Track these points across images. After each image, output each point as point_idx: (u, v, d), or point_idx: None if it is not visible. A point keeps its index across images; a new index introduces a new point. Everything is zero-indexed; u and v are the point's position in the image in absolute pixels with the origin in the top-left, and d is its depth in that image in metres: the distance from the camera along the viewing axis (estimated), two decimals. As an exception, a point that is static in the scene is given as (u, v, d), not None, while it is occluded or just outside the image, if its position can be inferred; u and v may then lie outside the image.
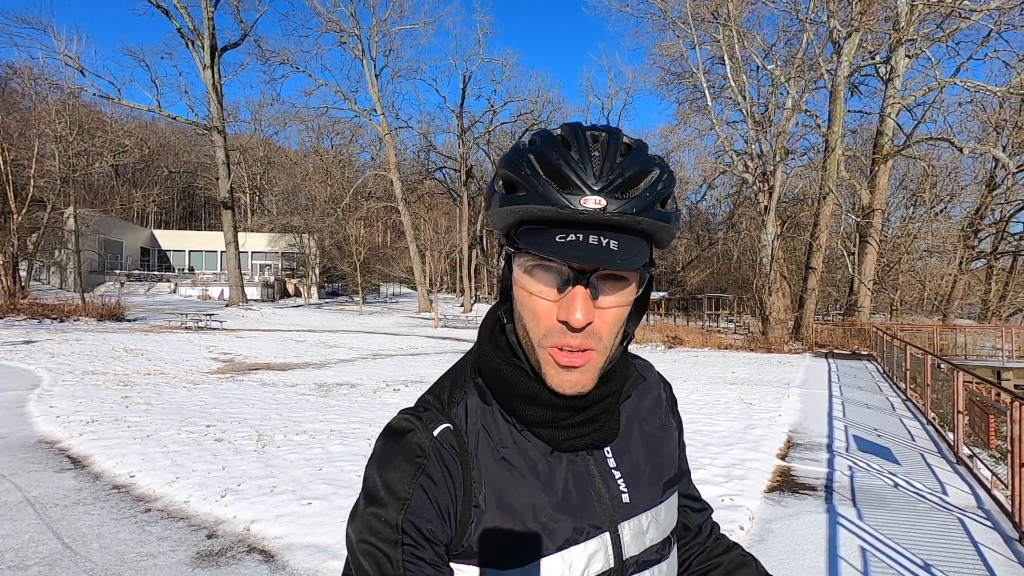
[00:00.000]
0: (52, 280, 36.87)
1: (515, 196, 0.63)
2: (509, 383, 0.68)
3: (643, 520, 0.72)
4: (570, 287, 0.61)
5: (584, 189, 0.60)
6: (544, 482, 0.67)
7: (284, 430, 6.82)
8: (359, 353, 16.74)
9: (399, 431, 0.67)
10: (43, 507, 4.36)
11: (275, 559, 3.59)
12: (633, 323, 0.70)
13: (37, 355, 12.74)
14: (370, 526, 0.62)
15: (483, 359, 0.72)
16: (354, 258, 36.79)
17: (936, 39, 23.39)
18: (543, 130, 0.67)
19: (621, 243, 0.60)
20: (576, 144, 0.63)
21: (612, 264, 0.59)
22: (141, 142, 45.97)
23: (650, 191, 0.62)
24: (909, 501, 4.73)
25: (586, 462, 0.70)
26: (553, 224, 0.62)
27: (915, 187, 32.39)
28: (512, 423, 0.69)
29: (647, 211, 0.61)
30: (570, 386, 0.64)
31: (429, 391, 0.73)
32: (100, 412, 7.50)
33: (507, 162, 0.65)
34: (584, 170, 0.61)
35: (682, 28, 24.46)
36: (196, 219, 65.28)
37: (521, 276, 0.64)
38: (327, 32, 36.89)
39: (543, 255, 0.60)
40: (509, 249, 0.66)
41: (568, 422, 0.68)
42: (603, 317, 0.63)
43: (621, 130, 0.67)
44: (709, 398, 9.52)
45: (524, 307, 0.65)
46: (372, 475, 0.65)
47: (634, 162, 0.63)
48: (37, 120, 26.59)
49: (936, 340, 18.83)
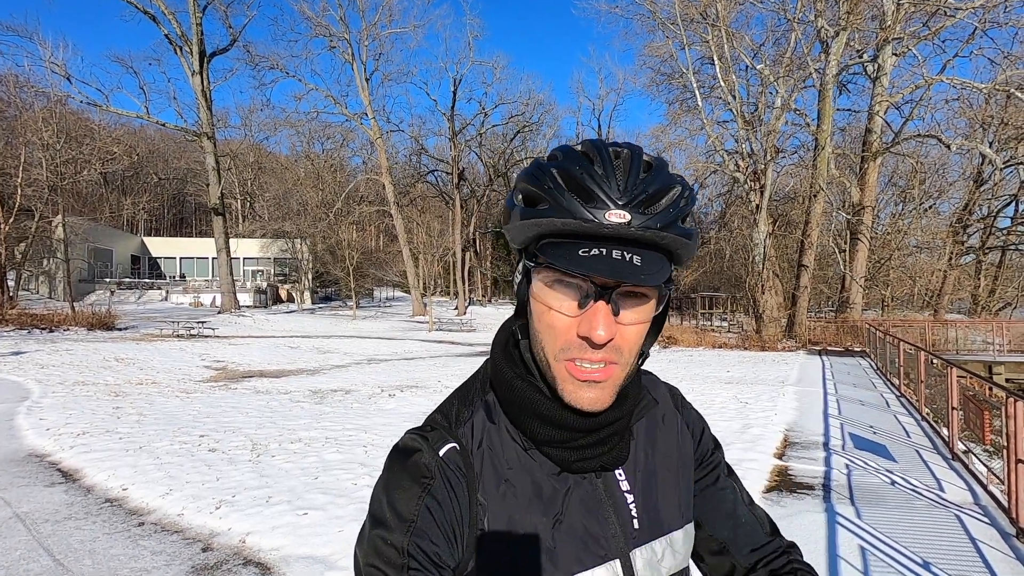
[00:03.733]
0: (41, 290, 36.46)
1: (537, 210, 0.62)
2: (523, 400, 0.67)
3: (656, 547, 0.69)
4: (592, 302, 0.60)
5: (609, 203, 0.60)
6: (548, 505, 0.65)
7: (279, 439, 6.75)
8: (353, 358, 16.66)
9: (406, 451, 0.66)
10: (34, 523, 4.28)
11: (271, 572, 3.54)
12: (649, 341, 0.69)
13: (26, 366, 12.58)
14: (376, 549, 0.60)
15: (497, 373, 0.71)
16: (347, 263, 36.64)
17: (922, 37, 23.63)
18: (564, 145, 0.66)
19: (644, 259, 0.60)
20: (600, 159, 0.62)
21: (636, 279, 0.58)
22: (130, 149, 45.62)
23: (673, 207, 0.62)
24: (906, 498, 4.74)
25: (595, 485, 0.69)
26: (576, 238, 0.61)
27: (904, 184, 32.67)
28: (519, 442, 0.67)
29: (670, 227, 0.61)
30: (588, 403, 0.63)
31: (438, 409, 0.72)
32: (91, 424, 7.40)
33: (528, 176, 0.64)
34: (608, 184, 0.60)
35: (671, 29, 24.57)
36: (187, 226, 64.85)
37: (541, 290, 0.63)
38: (317, 36, 36.73)
39: (566, 269, 0.59)
40: (528, 263, 0.65)
41: (580, 443, 0.66)
42: (624, 334, 0.62)
43: (642, 147, 0.66)
44: (705, 398, 9.53)
45: (542, 322, 0.64)
46: (379, 496, 0.64)
47: (657, 178, 0.63)
48: (24, 128, 26.34)
49: (928, 335, 18.97)
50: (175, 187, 60.46)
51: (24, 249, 29.65)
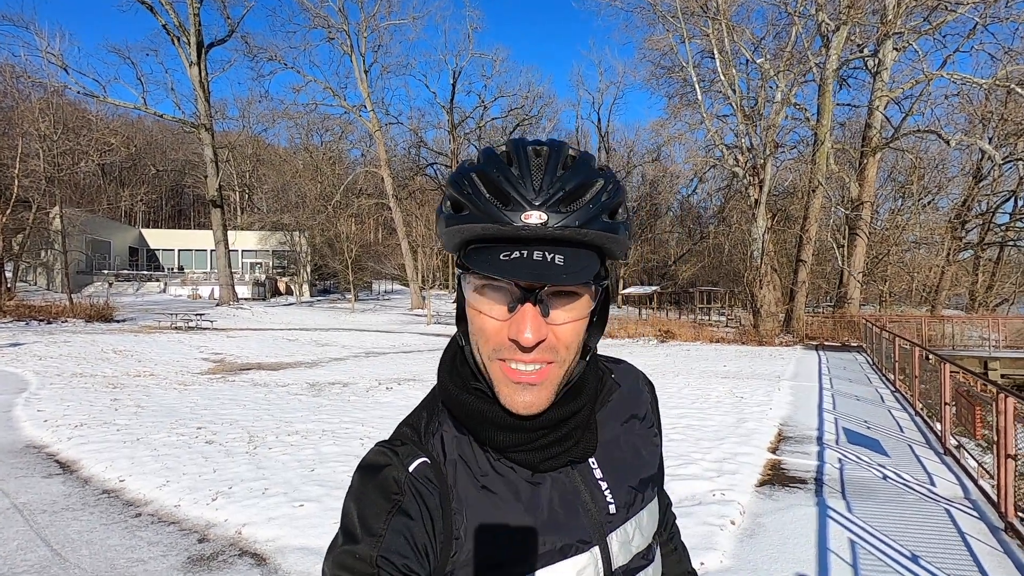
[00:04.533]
0: (39, 281, 36.42)
1: (460, 216, 0.62)
2: (472, 412, 0.67)
3: (628, 528, 0.71)
4: (519, 306, 0.60)
5: (524, 205, 0.59)
6: (528, 505, 0.66)
7: (276, 431, 6.79)
8: (351, 351, 16.69)
9: (375, 467, 0.66)
10: (31, 513, 4.32)
11: (267, 562, 3.58)
12: (595, 336, 0.69)
13: (24, 358, 12.60)
14: (344, 563, 0.61)
15: (444, 392, 0.71)
16: (345, 255, 36.60)
17: (923, 32, 23.55)
18: (488, 147, 0.66)
19: (567, 257, 0.60)
20: (517, 160, 0.62)
21: (558, 279, 0.58)
22: (127, 140, 45.43)
23: (594, 203, 0.61)
24: (898, 492, 4.79)
25: (571, 476, 0.69)
26: (498, 242, 0.61)
27: (903, 179, 32.68)
28: (488, 451, 0.68)
29: (592, 223, 0.61)
30: (523, 407, 0.63)
31: (405, 421, 0.73)
32: (89, 415, 7.43)
33: (452, 182, 0.65)
34: (524, 185, 0.60)
35: (672, 22, 24.48)
36: (185, 218, 64.68)
37: (472, 296, 0.63)
38: (315, 28, 36.59)
39: (488, 274, 0.59)
40: (459, 270, 0.65)
41: (540, 443, 0.66)
42: (557, 333, 0.62)
43: (566, 143, 0.66)
44: (701, 392, 9.57)
45: (475, 326, 0.64)
46: (349, 510, 0.64)
47: (576, 174, 0.62)
48: (20, 119, 26.21)
49: (924, 331, 19.04)
50: (173, 179, 60.25)
51: (22, 240, 29.60)
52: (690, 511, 4.24)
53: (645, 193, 52.97)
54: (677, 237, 54.08)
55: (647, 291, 38.79)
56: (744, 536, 3.90)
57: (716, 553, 3.59)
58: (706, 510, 4.27)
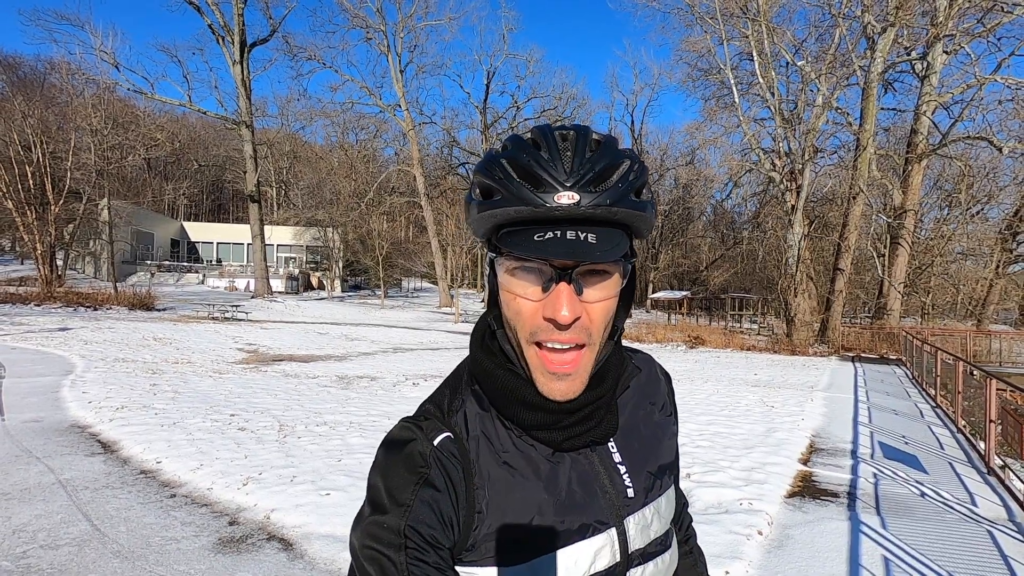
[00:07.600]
0: (87, 270, 38.06)
1: (491, 201, 0.64)
2: (504, 389, 0.68)
3: (647, 513, 0.72)
4: (554, 285, 0.62)
5: (557, 186, 0.61)
6: (547, 483, 0.67)
7: (305, 421, 6.93)
8: (380, 347, 16.92)
9: (400, 441, 0.68)
10: (74, 489, 4.51)
11: (293, 547, 3.66)
12: (621, 317, 0.71)
13: (72, 342, 13.17)
14: (372, 533, 0.63)
15: (477, 365, 0.72)
16: (377, 252, 37.16)
17: (976, 34, 22.56)
18: (514, 135, 0.68)
19: (599, 236, 0.62)
20: (545, 144, 0.64)
21: (592, 257, 0.60)
22: (172, 136, 47.09)
23: (622, 182, 0.63)
24: (936, 511, 4.60)
25: (590, 459, 0.71)
26: (530, 224, 0.63)
27: (951, 187, 31.33)
28: (511, 428, 0.69)
29: (621, 202, 0.63)
30: (560, 394, 0.65)
31: (429, 399, 0.74)
32: (130, 399, 7.72)
33: (481, 169, 0.66)
34: (555, 168, 0.62)
35: (710, 23, 24.06)
36: (224, 212, 66.66)
37: (505, 279, 0.65)
38: (353, 28, 37.17)
39: (523, 255, 0.61)
40: (491, 254, 0.67)
41: (565, 423, 0.68)
42: (590, 312, 0.64)
43: (590, 127, 0.68)
44: (730, 400, 9.39)
45: (510, 309, 0.65)
46: (376, 483, 0.66)
47: (604, 156, 0.64)
48: (74, 114, 27.38)
49: (969, 346, 18.26)
50: (214, 174, 62.14)
51: (72, 230, 30.95)
52: (716, 519, 4.16)
53: (678, 197, 52.23)
54: (709, 242, 53.12)
55: (677, 296, 38.23)
56: (772, 547, 3.81)
57: (742, 563, 3.51)
58: (733, 519, 4.18)
